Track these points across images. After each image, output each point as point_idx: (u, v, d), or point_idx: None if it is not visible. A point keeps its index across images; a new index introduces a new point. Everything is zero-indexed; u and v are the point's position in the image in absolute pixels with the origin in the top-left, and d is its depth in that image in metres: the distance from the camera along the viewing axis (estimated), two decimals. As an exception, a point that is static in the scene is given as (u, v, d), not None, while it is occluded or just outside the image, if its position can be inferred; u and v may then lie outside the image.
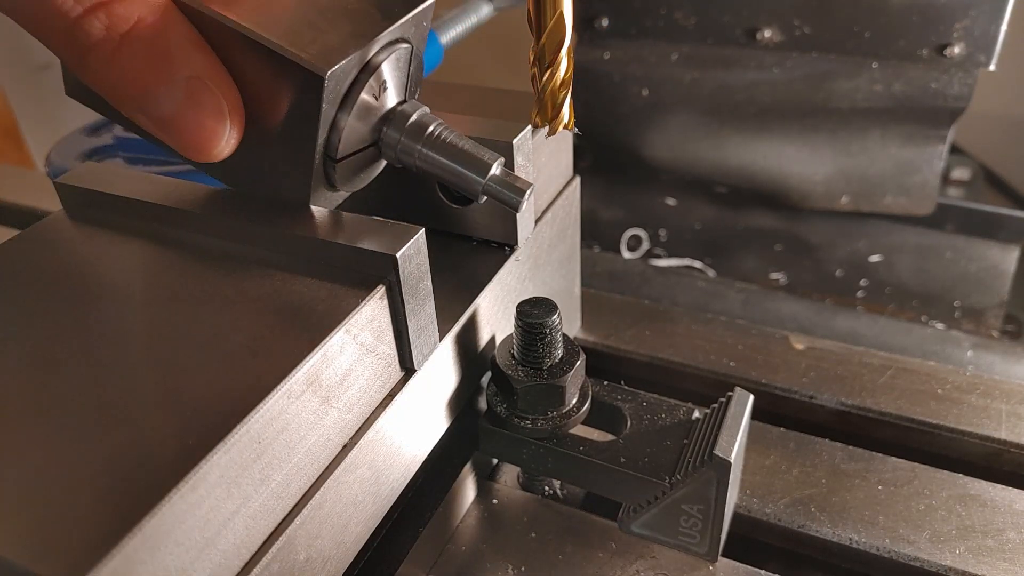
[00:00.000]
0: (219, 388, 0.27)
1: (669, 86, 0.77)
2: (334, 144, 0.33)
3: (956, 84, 0.68)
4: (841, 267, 0.77)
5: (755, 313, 0.65)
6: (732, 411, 0.38)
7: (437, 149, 0.35)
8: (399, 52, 0.33)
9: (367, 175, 0.37)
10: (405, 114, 0.35)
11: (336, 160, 0.33)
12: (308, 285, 0.32)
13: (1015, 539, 0.40)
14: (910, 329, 0.62)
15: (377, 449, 0.33)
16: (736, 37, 0.73)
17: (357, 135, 0.34)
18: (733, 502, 0.41)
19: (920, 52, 0.68)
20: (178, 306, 0.31)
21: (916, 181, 0.74)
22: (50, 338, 0.30)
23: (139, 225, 0.36)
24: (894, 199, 0.75)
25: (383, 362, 0.33)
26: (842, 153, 0.75)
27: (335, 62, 0.30)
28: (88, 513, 0.23)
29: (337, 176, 0.34)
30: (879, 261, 0.77)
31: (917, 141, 0.72)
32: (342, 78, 0.31)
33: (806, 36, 0.70)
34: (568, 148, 0.46)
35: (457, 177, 0.35)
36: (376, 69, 0.32)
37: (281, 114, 0.32)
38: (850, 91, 0.72)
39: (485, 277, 0.40)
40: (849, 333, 0.63)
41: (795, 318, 0.64)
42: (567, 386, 0.38)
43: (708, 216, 0.82)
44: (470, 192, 0.35)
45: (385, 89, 0.34)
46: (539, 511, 0.43)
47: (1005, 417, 0.46)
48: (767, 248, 0.80)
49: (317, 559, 0.31)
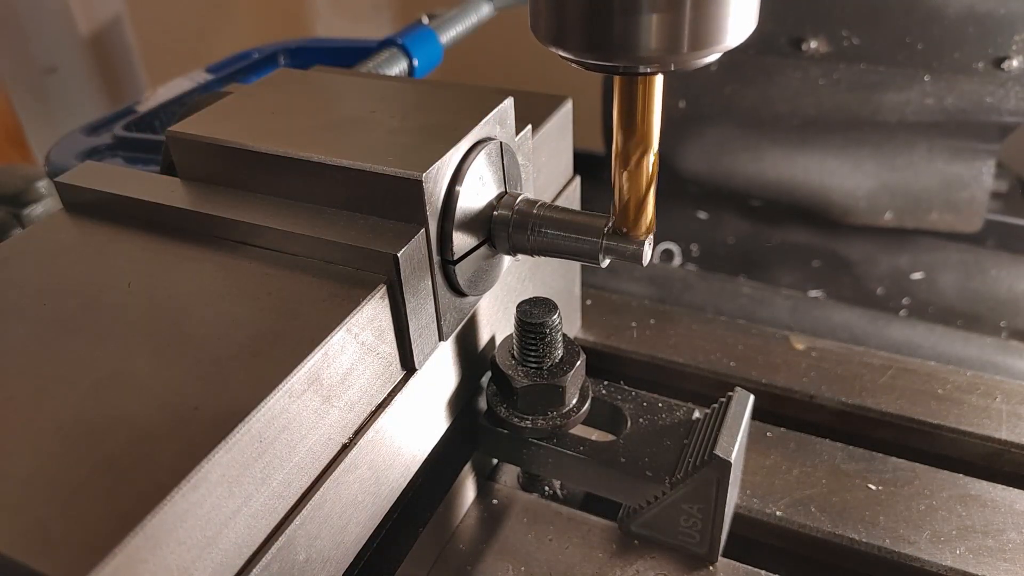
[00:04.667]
0: (220, 387, 0.27)
1: (707, 97, 0.75)
2: (448, 246, 0.33)
3: (1013, 98, 0.66)
4: (882, 284, 0.75)
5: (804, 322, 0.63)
6: (732, 411, 0.38)
7: (547, 227, 0.35)
8: (489, 148, 0.35)
9: (490, 277, 0.37)
10: (508, 203, 0.36)
11: (453, 262, 0.34)
12: (309, 284, 0.32)
13: (1016, 539, 0.40)
14: (968, 338, 0.60)
15: (377, 449, 0.33)
16: (780, 47, 0.70)
17: (467, 233, 0.34)
18: (733, 502, 0.41)
19: (976, 65, 0.65)
20: (178, 305, 0.31)
21: (964, 197, 0.71)
22: (50, 337, 0.30)
23: (139, 224, 0.36)
24: (940, 215, 0.73)
25: (384, 361, 0.33)
26: (886, 167, 0.72)
27: (428, 165, 0.31)
28: (91, 512, 0.23)
29: (460, 278, 0.34)
30: (921, 279, 0.74)
31: (966, 156, 0.70)
32: (438, 179, 0.32)
33: (854, 47, 0.68)
34: (568, 148, 0.46)
35: (574, 248, 0.35)
36: (469, 167, 0.33)
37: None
38: (899, 104, 0.69)
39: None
40: (905, 343, 0.61)
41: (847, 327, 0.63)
42: (567, 386, 0.38)
43: (742, 230, 0.80)
44: (590, 257, 0.35)
45: (484, 184, 0.35)
46: (539, 511, 0.43)
47: (1006, 417, 0.46)
48: (805, 264, 0.77)
49: (317, 559, 0.31)
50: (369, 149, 0.33)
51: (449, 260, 0.34)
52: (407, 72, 0.64)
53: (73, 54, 1.38)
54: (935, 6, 0.64)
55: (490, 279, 0.37)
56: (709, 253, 0.79)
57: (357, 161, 0.32)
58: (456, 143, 0.33)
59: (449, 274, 0.34)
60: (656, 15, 0.26)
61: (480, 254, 0.36)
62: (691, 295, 0.66)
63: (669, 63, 0.27)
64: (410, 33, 0.65)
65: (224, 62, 0.83)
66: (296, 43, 0.85)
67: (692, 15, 0.26)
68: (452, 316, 0.36)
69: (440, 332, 0.35)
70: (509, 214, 0.36)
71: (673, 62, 0.27)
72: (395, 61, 0.63)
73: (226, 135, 0.35)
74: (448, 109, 0.36)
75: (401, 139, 0.34)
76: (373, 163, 0.32)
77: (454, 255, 0.34)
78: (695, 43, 0.26)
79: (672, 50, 0.27)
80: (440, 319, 0.35)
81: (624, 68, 0.28)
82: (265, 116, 0.37)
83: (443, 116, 0.35)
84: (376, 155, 0.32)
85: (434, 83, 0.42)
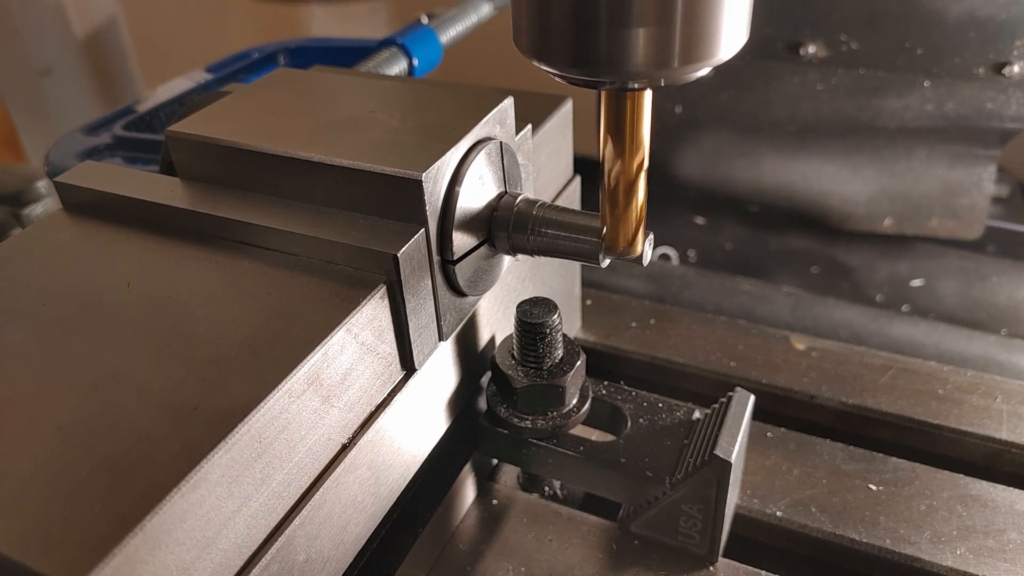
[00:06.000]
0: (220, 387, 0.27)
1: (704, 102, 0.75)
2: (448, 246, 0.33)
3: (1014, 104, 0.66)
4: (881, 291, 0.74)
5: (806, 320, 0.63)
6: (733, 411, 0.38)
7: (547, 228, 0.35)
8: (489, 148, 0.35)
9: (490, 277, 0.37)
10: (508, 204, 0.36)
11: (453, 261, 0.34)
12: (309, 284, 0.32)
13: (1016, 539, 0.40)
14: (971, 336, 0.60)
15: (377, 449, 0.33)
16: (778, 51, 0.70)
17: (467, 233, 0.34)
18: (733, 502, 0.41)
19: (976, 70, 0.65)
20: (178, 305, 0.31)
21: (964, 203, 0.71)
22: (50, 337, 0.30)
23: (138, 224, 0.36)
24: (940, 222, 0.72)
25: (384, 361, 0.33)
26: (886, 173, 0.72)
27: (428, 165, 0.31)
28: (90, 512, 0.23)
29: (459, 278, 0.34)
30: (921, 285, 0.73)
31: (966, 162, 0.70)
32: (438, 179, 0.32)
33: (853, 52, 0.68)
34: (568, 148, 0.46)
35: (574, 249, 0.35)
36: (469, 167, 0.33)
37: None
38: (898, 109, 0.69)
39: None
40: (908, 342, 0.61)
41: (849, 325, 0.62)
42: (567, 386, 0.38)
43: (740, 236, 0.80)
44: (591, 258, 0.35)
45: (484, 184, 0.35)
46: (539, 511, 0.43)
47: (1006, 417, 0.46)
48: (803, 270, 0.77)
49: (317, 559, 0.31)
50: (369, 149, 0.33)
51: (449, 260, 0.34)
52: (407, 72, 0.64)
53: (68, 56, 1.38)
54: (935, 11, 0.64)
55: (490, 279, 0.37)
56: (707, 258, 0.79)
57: (357, 161, 0.32)
58: (456, 143, 0.33)
59: (449, 274, 0.34)
60: (644, 29, 0.24)
61: (480, 254, 0.36)
62: (690, 293, 0.66)
63: (659, 79, 0.26)
64: (410, 33, 0.65)
65: (224, 62, 0.83)
66: (296, 43, 0.85)
67: (683, 29, 0.24)
68: (452, 316, 0.35)
69: (440, 332, 0.35)
70: (509, 214, 0.36)
71: (663, 77, 0.26)
72: (395, 61, 0.63)
73: (226, 135, 0.35)
74: (448, 109, 0.36)
75: (401, 139, 0.34)
76: (373, 163, 0.32)
77: (454, 255, 0.33)
78: (686, 57, 0.25)
79: (662, 65, 0.25)
80: (440, 319, 0.34)
81: (612, 84, 0.27)
82: (265, 116, 0.37)
83: (443, 116, 0.35)
84: (376, 155, 0.32)
85: (434, 83, 0.42)
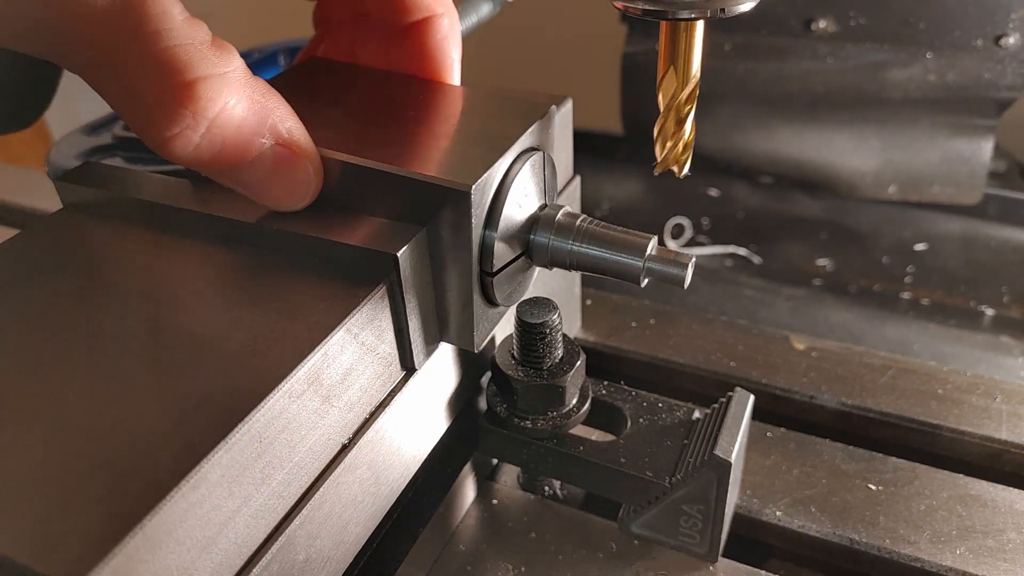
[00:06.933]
0: (220, 387, 0.27)
1: (721, 76, 0.78)
2: (488, 258, 0.33)
3: (1010, 74, 0.70)
4: (887, 255, 0.78)
5: (804, 321, 0.65)
6: (732, 411, 0.38)
7: (588, 243, 0.35)
8: (533, 159, 0.34)
9: (522, 287, 0.37)
10: (550, 216, 0.35)
11: (492, 274, 0.33)
12: (309, 284, 0.32)
13: (1016, 539, 0.40)
14: (960, 337, 0.63)
15: (377, 449, 0.33)
16: (791, 27, 0.74)
17: (507, 245, 0.34)
18: (733, 502, 0.41)
19: (975, 42, 0.69)
20: (178, 305, 0.31)
21: (964, 171, 0.75)
22: (50, 337, 0.30)
23: (139, 224, 0.36)
24: (942, 188, 0.77)
25: (384, 361, 0.33)
26: (891, 143, 0.76)
27: (477, 176, 0.31)
28: (90, 511, 0.23)
29: (495, 290, 0.34)
30: (925, 249, 0.78)
31: (966, 132, 0.74)
32: (486, 191, 0.32)
33: (861, 27, 0.72)
34: (568, 148, 0.46)
35: (614, 266, 0.35)
36: (515, 178, 0.33)
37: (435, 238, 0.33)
38: (903, 81, 0.73)
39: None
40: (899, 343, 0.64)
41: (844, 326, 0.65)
42: (567, 386, 0.38)
43: (752, 205, 0.83)
44: (631, 277, 0.35)
45: (527, 196, 0.34)
46: (539, 511, 0.43)
47: (1006, 417, 0.46)
48: (813, 236, 0.81)
49: (317, 559, 0.31)
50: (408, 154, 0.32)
51: (488, 272, 0.33)
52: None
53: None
54: (937, -13, 0.69)
55: (522, 290, 0.37)
56: (720, 227, 0.82)
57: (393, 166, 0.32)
58: (503, 153, 0.32)
59: (486, 285, 0.34)
60: None
61: (517, 266, 0.35)
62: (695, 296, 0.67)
63: (707, 9, 0.31)
64: (410, 33, 0.65)
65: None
66: (296, 43, 0.85)
67: None
68: (484, 326, 0.35)
69: (473, 343, 0.35)
70: (550, 227, 0.35)
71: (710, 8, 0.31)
72: (395, 61, 0.62)
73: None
74: (492, 115, 0.35)
75: (444, 144, 0.33)
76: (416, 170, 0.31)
77: (493, 267, 0.33)
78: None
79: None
80: (475, 330, 0.34)
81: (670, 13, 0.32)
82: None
83: (487, 123, 0.34)
84: (419, 161, 0.32)
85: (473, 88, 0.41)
